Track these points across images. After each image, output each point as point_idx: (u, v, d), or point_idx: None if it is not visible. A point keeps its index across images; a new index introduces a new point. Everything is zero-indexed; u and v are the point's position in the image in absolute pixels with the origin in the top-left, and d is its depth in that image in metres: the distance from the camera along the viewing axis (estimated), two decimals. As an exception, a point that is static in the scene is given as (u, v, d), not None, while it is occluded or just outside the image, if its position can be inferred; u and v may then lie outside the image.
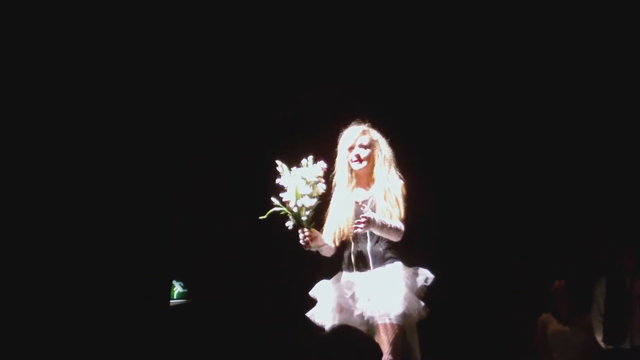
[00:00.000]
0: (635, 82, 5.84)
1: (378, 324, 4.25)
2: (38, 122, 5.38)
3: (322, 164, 4.38)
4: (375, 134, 4.57)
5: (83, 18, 5.40)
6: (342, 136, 4.59)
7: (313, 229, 4.36)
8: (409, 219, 4.41)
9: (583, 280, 6.01)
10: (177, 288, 5.99)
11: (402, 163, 4.58)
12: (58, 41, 5.39)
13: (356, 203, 4.49)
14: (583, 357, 5.65)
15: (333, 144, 4.60)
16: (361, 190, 4.54)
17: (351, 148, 4.52)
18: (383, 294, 4.26)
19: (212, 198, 6.17)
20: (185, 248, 6.04)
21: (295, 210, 4.29)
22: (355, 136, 4.53)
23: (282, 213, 4.33)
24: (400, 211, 4.38)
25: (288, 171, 4.34)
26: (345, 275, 4.45)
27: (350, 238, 4.44)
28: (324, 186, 4.38)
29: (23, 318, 5.15)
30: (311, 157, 4.36)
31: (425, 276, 4.36)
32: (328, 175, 4.47)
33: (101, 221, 5.55)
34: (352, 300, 4.35)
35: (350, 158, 4.51)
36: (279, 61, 5.93)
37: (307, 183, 4.29)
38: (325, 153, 4.55)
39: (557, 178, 6.23)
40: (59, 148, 5.45)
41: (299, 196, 4.28)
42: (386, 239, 4.37)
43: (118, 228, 5.59)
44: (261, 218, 4.35)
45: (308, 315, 4.46)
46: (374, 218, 4.26)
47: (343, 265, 4.49)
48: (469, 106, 6.16)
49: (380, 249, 4.39)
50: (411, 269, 4.37)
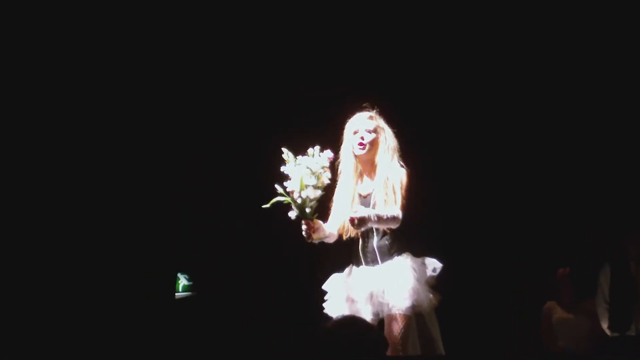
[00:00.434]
0: (635, 82, 5.83)
1: (387, 315, 4.28)
2: (38, 123, 5.38)
3: (329, 154, 4.37)
4: (381, 122, 4.58)
5: (83, 18, 5.39)
6: (349, 121, 4.60)
7: (316, 220, 4.36)
8: (412, 208, 4.40)
9: (587, 267, 6.00)
10: (183, 281, 5.98)
11: (408, 154, 4.58)
12: (58, 41, 5.38)
13: (360, 197, 4.50)
14: (588, 345, 5.64)
15: (339, 134, 4.61)
16: (366, 180, 4.55)
17: (356, 132, 4.53)
18: (392, 287, 4.30)
19: (215, 189, 6.15)
20: (187, 242, 6.04)
21: (299, 201, 4.29)
22: (361, 121, 4.55)
23: (285, 202, 4.32)
24: (396, 198, 4.38)
25: (294, 159, 4.33)
26: (355, 269, 4.49)
27: (358, 234, 4.46)
28: (329, 175, 4.37)
29: (26, 312, 5.16)
30: (318, 147, 4.35)
31: (433, 266, 4.39)
32: (334, 163, 4.47)
33: (107, 217, 5.55)
34: (362, 293, 4.38)
35: (354, 142, 4.51)
36: (287, 48, 5.93)
37: (313, 173, 4.29)
38: (331, 142, 4.57)
39: (562, 164, 6.22)
40: (60, 148, 5.44)
41: (304, 187, 4.27)
42: (392, 233, 4.39)
43: (122, 222, 5.59)
44: (264, 207, 4.34)
45: (324, 309, 4.50)
46: (367, 215, 4.25)
47: (353, 259, 4.51)
48: (474, 103, 6.16)
49: (386, 243, 4.41)
50: (419, 259, 4.40)
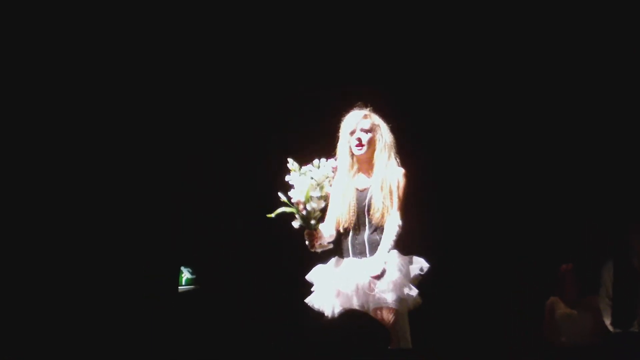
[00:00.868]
0: (634, 82, 5.83)
1: (374, 309, 4.27)
2: (39, 123, 5.38)
3: (333, 163, 4.41)
4: (376, 119, 4.57)
5: (83, 18, 5.40)
6: (344, 120, 4.60)
7: (319, 229, 4.40)
8: (409, 208, 4.42)
9: (590, 263, 6.00)
10: (186, 274, 5.99)
11: (406, 152, 4.59)
12: (58, 41, 5.38)
13: (357, 190, 4.51)
14: (591, 341, 5.64)
15: (336, 131, 4.61)
16: (362, 176, 4.56)
17: (352, 132, 4.53)
18: (379, 280, 4.26)
19: (215, 189, 6.15)
20: (187, 243, 6.04)
21: (304, 213, 4.32)
22: (356, 120, 4.53)
23: (289, 212, 4.35)
24: (393, 202, 4.39)
25: (298, 170, 4.36)
26: (343, 261, 4.47)
27: (350, 226, 4.46)
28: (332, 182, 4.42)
29: (26, 310, 5.17)
30: (323, 160, 4.38)
31: (420, 265, 4.36)
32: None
33: (107, 217, 5.55)
34: (349, 285, 4.35)
35: (351, 142, 4.52)
36: (285, 51, 5.93)
37: (317, 185, 4.32)
38: (330, 141, 4.58)
39: (562, 162, 6.20)
40: (61, 148, 5.45)
41: (308, 200, 4.30)
42: (383, 228, 4.39)
43: (123, 222, 5.59)
44: (269, 216, 4.37)
45: (307, 301, 4.48)
46: (383, 259, 4.26)
47: (340, 251, 4.51)
48: (472, 101, 6.12)
49: (377, 238, 4.40)
50: (407, 257, 4.36)
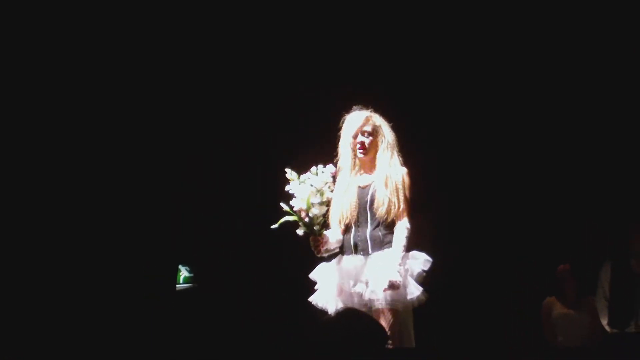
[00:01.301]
0: (634, 82, 5.84)
1: (376, 309, 4.27)
2: (39, 123, 5.38)
3: (331, 169, 4.42)
4: (378, 119, 4.58)
5: (83, 18, 5.39)
6: (346, 122, 4.60)
7: (324, 234, 4.41)
8: (415, 207, 4.43)
9: (588, 264, 6.01)
10: (184, 272, 5.99)
11: (408, 152, 4.60)
12: (58, 41, 5.38)
13: (359, 187, 4.51)
14: (588, 341, 5.65)
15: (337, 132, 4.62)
16: (365, 175, 4.57)
17: (355, 135, 4.53)
18: (380, 279, 4.28)
19: (214, 188, 6.15)
20: (187, 243, 6.04)
21: (307, 220, 4.34)
22: (358, 124, 4.53)
23: (292, 220, 4.37)
24: (399, 201, 4.39)
25: (297, 179, 4.37)
26: (345, 258, 4.48)
27: (352, 223, 4.47)
28: (333, 187, 4.43)
29: (27, 309, 5.17)
30: (321, 166, 4.39)
31: (423, 261, 4.36)
32: (335, 178, 4.50)
33: (107, 217, 5.54)
34: (352, 283, 4.36)
35: (354, 146, 4.52)
36: (282, 57, 5.93)
37: (317, 191, 4.33)
38: (330, 140, 4.58)
39: (564, 160, 6.22)
40: (62, 148, 5.45)
41: (310, 207, 4.31)
42: (386, 224, 4.40)
43: (122, 222, 5.59)
44: (273, 227, 4.39)
45: (311, 300, 4.49)
46: (397, 268, 4.25)
47: (343, 248, 4.52)
48: (473, 101, 6.16)
49: (379, 234, 4.41)
50: (409, 254, 4.37)
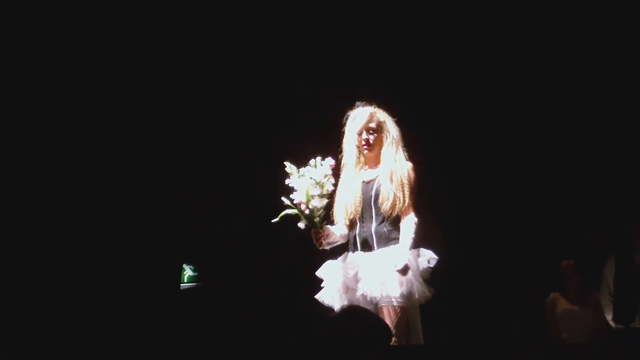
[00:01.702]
0: (634, 82, 5.83)
1: (381, 306, 4.27)
2: (39, 123, 5.37)
3: (330, 161, 4.40)
4: (382, 115, 4.57)
5: (83, 18, 5.39)
6: (350, 118, 4.59)
7: (326, 227, 4.40)
8: (418, 203, 4.43)
9: (592, 259, 6.00)
10: (188, 271, 5.99)
11: (412, 148, 4.60)
12: (58, 41, 5.38)
13: (363, 182, 4.51)
14: (592, 337, 5.64)
15: (339, 130, 4.62)
16: (369, 170, 4.57)
17: (359, 133, 4.52)
18: (386, 276, 4.27)
19: (214, 188, 6.15)
20: (187, 243, 6.04)
21: (307, 212, 4.33)
22: (363, 120, 4.52)
23: (294, 214, 4.37)
24: (405, 196, 4.38)
25: (297, 172, 4.37)
26: (350, 255, 4.47)
27: (356, 218, 4.46)
28: (333, 181, 4.41)
29: (28, 309, 5.17)
30: (319, 158, 4.38)
31: (428, 257, 4.36)
32: (335, 170, 4.49)
33: (107, 217, 5.54)
34: (357, 280, 4.36)
35: (359, 143, 4.51)
36: (283, 54, 5.93)
37: (317, 184, 4.32)
38: (331, 139, 4.57)
39: (565, 159, 6.21)
40: (62, 148, 5.45)
41: (310, 198, 4.31)
42: (391, 220, 4.39)
43: (123, 222, 5.59)
44: (274, 221, 4.38)
45: (317, 297, 4.49)
46: (406, 256, 4.26)
47: (349, 245, 4.52)
48: (475, 100, 6.16)
49: (384, 230, 4.40)
50: (415, 251, 4.36)
